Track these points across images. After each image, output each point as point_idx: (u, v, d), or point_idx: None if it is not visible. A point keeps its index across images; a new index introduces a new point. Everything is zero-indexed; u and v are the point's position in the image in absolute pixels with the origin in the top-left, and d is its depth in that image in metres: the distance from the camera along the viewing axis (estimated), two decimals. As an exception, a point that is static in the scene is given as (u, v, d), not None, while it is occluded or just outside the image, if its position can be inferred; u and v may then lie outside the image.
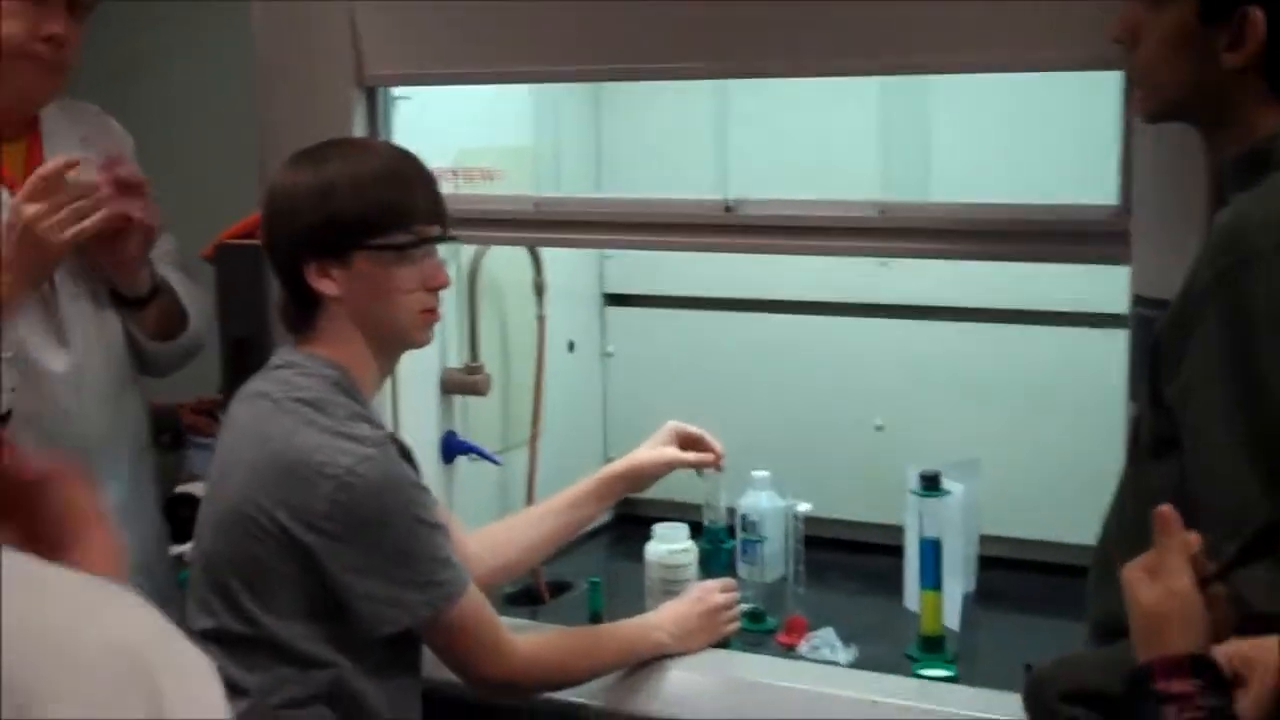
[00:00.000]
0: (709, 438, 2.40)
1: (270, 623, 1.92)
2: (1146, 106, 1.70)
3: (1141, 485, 1.66)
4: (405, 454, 1.99)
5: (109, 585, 0.79)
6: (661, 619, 2.24)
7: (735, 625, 2.31)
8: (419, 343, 2.08)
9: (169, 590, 2.45)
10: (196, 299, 2.44)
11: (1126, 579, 1.35)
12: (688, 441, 2.40)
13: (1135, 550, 1.59)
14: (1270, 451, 1.46)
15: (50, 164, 2.14)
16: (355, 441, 1.91)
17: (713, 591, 2.30)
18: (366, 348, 2.02)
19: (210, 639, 1.94)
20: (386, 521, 1.90)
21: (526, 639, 2.10)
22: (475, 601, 1.98)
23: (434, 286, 2.03)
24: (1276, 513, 1.42)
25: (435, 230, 2.02)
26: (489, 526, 2.42)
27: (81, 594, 0.77)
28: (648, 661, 2.19)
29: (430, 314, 2.05)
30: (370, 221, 1.97)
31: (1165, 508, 1.35)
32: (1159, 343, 1.59)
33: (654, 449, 2.40)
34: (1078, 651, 1.74)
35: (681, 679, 2.18)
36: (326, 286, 1.98)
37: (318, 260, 1.97)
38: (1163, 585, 1.32)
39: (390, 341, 2.05)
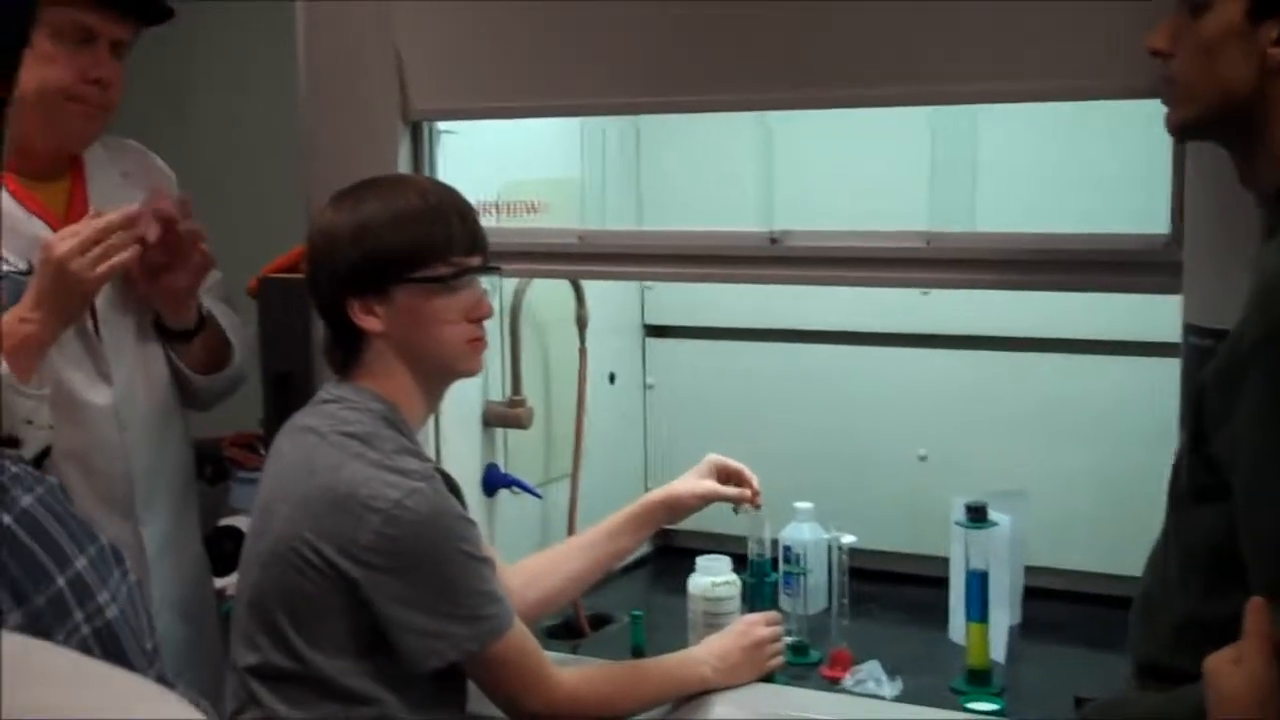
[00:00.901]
0: (748, 473, 2.39)
1: (316, 659, 1.92)
2: (1177, 119, 1.66)
3: (1181, 531, 1.63)
4: (452, 487, 1.99)
5: (151, 683, 0.79)
6: (705, 653, 2.22)
7: (780, 660, 2.29)
8: (469, 371, 2.08)
9: (211, 625, 2.45)
10: (239, 332, 2.45)
11: (1212, 668, 1.37)
12: (728, 475, 2.39)
13: (1175, 594, 1.59)
14: None
15: (107, 218, 2.12)
16: (402, 475, 1.91)
17: (757, 625, 2.27)
18: (413, 381, 2.02)
19: (255, 675, 1.94)
20: (433, 555, 1.90)
21: (570, 673, 2.08)
22: (520, 635, 1.98)
23: (477, 317, 2.03)
24: None
25: (475, 261, 2.03)
26: (529, 559, 2.41)
27: (127, 689, 0.77)
28: (692, 696, 2.17)
29: (477, 342, 2.05)
30: (409, 256, 1.97)
31: (1256, 600, 1.36)
32: (1204, 390, 1.56)
33: (693, 481, 2.38)
34: (1126, 695, 1.71)
35: (726, 714, 2.16)
36: (370, 323, 1.99)
37: (360, 298, 1.98)
38: (1245, 672, 1.35)
39: (436, 374, 2.05)
